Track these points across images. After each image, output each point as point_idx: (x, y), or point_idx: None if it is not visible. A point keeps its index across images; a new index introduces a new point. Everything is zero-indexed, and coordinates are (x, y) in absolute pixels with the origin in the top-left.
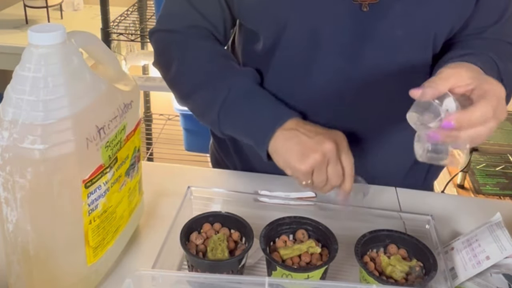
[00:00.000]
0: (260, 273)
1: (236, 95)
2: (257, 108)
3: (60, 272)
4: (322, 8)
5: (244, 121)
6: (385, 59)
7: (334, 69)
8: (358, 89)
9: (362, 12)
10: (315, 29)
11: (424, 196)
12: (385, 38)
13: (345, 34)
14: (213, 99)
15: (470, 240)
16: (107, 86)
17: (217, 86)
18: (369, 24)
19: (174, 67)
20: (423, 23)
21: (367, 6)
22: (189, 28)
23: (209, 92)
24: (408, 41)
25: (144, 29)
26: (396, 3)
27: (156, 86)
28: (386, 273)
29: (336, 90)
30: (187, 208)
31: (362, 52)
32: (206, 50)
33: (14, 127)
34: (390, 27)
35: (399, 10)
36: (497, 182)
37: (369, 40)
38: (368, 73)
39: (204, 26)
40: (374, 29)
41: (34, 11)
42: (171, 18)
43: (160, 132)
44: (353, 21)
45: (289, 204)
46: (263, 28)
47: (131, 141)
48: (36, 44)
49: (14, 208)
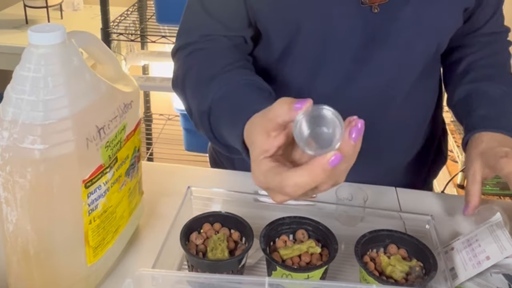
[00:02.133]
0: (260, 273)
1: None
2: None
3: (60, 272)
4: (333, 11)
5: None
6: (394, 60)
7: (344, 71)
8: (367, 91)
9: (373, 13)
10: (326, 32)
11: (424, 196)
12: (395, 39)
13: (355, 37)
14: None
15: (470, 240)
16: (107, 86)
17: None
18: (380, 26)
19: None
20: (432, 24)
21: (377, 7)
22: (206, 37)
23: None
24: (416, 42)
25: (144, 29)
26: (406, 5)
27: (156, 86)
28: (386, 273)
29: (346, 92)
30: (187, 208)
31: (371, 55)
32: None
33: (14, 127)
34: (400, 28)
35: (409, 11)
36: (497, 182)
37: (378, 42)
38: (377, 75)
39: (223, 34)
40: (384, 31)
41: (34, 11)
42: (190, 30)
43: (160, 132)
44: (363, 23)
45: (289, 204)
46: (276, 31)
47: (131, 141)
48: (36, 44)
49: (14, 208)
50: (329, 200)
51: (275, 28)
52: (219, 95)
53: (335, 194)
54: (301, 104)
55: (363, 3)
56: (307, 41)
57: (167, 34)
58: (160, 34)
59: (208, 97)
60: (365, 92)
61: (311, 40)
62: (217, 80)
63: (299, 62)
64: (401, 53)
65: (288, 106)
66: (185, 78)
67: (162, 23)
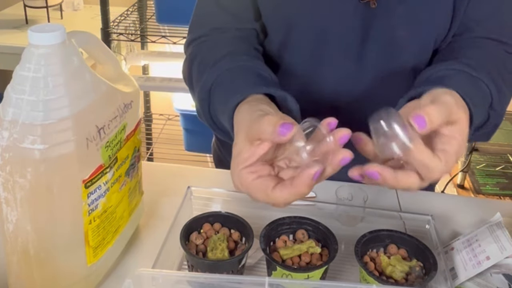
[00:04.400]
0: (260, 273)
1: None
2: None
3: (60, 272)
4: (330, 7)
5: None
6: (389, 59)
7: (342, 69)
8: (365, 89)
9: (370, 9)
10: (323, 29)
11: (424, 196)
12: (390, 38)
13: (352, 34)
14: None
15: (470, 240)
16: (107, 86)
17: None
18: (376, 23)
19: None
20: (429, 19)
21: (375, 2)
22: (217, 30)
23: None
24: (411, 41)
25: (144, 29)
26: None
27: (156, 86)
28: (386, 273)
29: (344, 90)
30: (187, 208)
31: (366, 52)
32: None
33: (14, 127)
34: (395, 26)
35: (405, 7)
36: (497, 182)
37: (373, 40)
38: (374, 73)
39: (235, 27)
40: (380, 29)
41: (34, 11)
42: (201, 24)
43: (160, 132)
44: (360, 20)
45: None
46: (274, 26)
47: (131, 141)
48: (36, 44)
49: (14, 208)
50: (329, 200)
51: (272, 23)
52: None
53: (335, 194)
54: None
55: None
56: (303, 37)
57: (167, 34)
58: (160, 34)
59: (208, 83)
60: (365, 89)
61: (307, 36)
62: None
63: (296, 57)
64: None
65: (273, 129)
66: (191, 68)
67: (162, 23)
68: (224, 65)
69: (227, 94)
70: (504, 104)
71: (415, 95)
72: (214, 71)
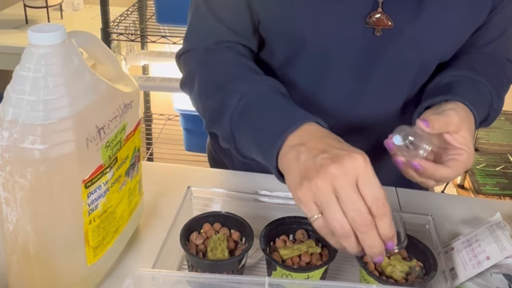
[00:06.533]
0: (260, 273)
1: (247, 102)
2: (267, 114)
3: (60, 272)
4: (336, 29)
5: (253, 129)
6: (395, 80)
7: (346, 88)
8: (367, 105)
9: (375, 36)
10: (329, 50)
11: (424, 196)
12: (396, 60)
13: (356, 56)
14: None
15: (470, 240)
16: (107, 86)
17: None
18: (381, 47)
19: (196, 85)
20: (434, 44)
21: (380, 30)
22: (215, 43)
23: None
24: (417, 63)
25: (144, 29)
26: (409, 27)
27: (156, 86)
28: (386, 273)
29: (346, 107)
30: (187, 208)
31: (371, 73)
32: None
33: (14, 127)
34: (402, 51)
35: (411, 34)
36: (497, 182)
37: (379, 62)
38: (378, 92)
39: (231, 40)
40: (385, 53)
41: (34, 11)
42: (197, 35)
43: (160, 132)
44: (365, 44)
45: (289, 204)
46: (278, 42)
47: (131, 141)
48: (36, 44)
49: (14, 208)
50: None
51: (277, 40)
52: (242, 106)
53: None
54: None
55: (368, 23)
56: (309, 56)
57: (167, 34)
58: (160, 34)
59: (230, 107)
60: (367, 107)
61: (313, 55)
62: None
63: (300, 73)
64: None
65: None
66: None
67: (162, 23)
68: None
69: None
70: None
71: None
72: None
